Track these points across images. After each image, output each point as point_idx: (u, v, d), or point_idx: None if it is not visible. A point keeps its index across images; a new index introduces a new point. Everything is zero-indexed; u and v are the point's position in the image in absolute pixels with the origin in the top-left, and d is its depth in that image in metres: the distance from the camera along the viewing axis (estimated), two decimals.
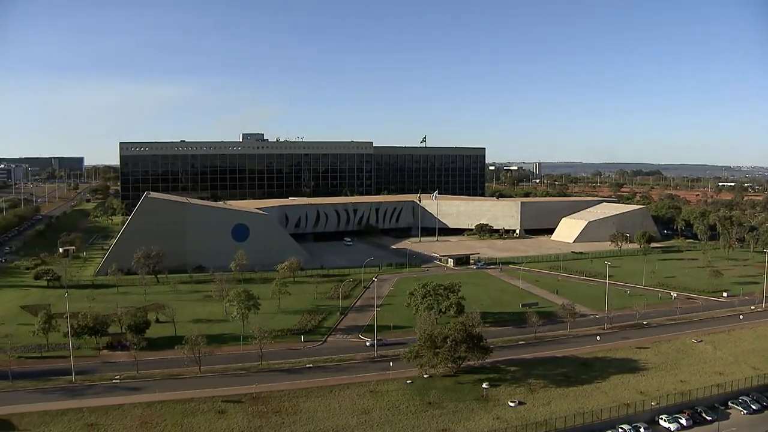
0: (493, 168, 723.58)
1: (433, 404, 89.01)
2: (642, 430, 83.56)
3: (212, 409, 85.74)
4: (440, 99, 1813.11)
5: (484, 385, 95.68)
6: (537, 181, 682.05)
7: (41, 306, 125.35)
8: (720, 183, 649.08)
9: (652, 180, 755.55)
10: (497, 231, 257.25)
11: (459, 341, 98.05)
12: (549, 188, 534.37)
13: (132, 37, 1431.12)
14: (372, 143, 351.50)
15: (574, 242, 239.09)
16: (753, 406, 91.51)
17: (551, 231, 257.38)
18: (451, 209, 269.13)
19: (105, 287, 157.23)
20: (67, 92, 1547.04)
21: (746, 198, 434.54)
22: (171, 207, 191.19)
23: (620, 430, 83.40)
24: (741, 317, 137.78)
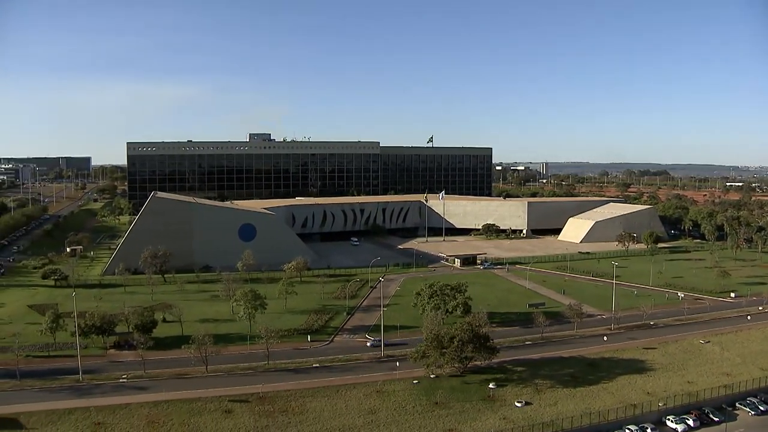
0: (500, 168, 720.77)
1: (440, 404, 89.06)
2: (649, 431, 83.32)
3: (219, 409, 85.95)
4: (447, 99, 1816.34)
5: (491, 386, 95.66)
6: (544, 181, 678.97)
7: (49, 305, 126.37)
8: (728, 183, 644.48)
9: (660, 180, 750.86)
10: (504, 231, 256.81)
11: (466, 341, 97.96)
12: (556, 188, 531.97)
13: (135, 38, 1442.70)
14: (379, 143, 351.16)
15: (581, 242, 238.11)
16: (761, 407, 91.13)
17: (558, 231, 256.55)
18: (458, 209, 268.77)
19: (112, 287, 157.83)
20: (75, 93, 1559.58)
21: (754, 198, 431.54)
22: (178, 207, 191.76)
23: (627, 431, 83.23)
24: (749, 318, 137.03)
